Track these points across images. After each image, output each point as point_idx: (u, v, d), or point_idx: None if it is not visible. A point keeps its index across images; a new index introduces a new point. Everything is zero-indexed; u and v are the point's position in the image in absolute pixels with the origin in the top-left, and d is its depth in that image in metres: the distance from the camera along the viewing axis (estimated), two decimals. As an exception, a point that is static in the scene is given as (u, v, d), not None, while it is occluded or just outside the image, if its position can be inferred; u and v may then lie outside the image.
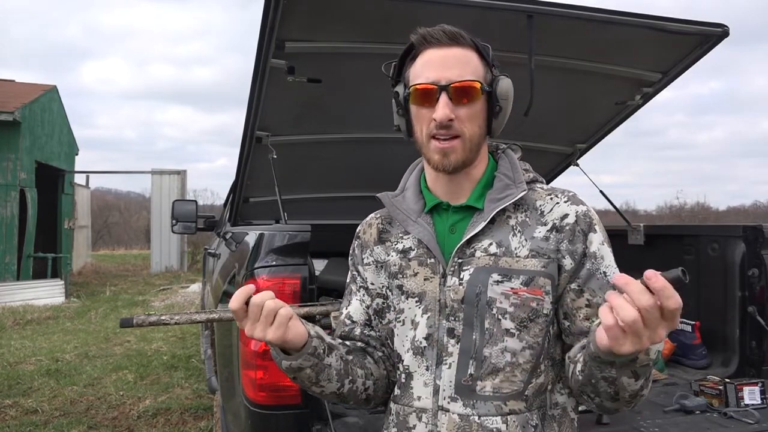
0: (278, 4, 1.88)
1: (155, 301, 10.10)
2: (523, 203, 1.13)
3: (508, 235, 1.09)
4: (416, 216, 1.16)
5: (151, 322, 1.30)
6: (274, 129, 2.70)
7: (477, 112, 1.09)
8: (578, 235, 1.08)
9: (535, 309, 1.06)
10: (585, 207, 1.12)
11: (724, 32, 2.33)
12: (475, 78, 1.08)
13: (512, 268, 1.06)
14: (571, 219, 1.09)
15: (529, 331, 1.06)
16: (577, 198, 1.14)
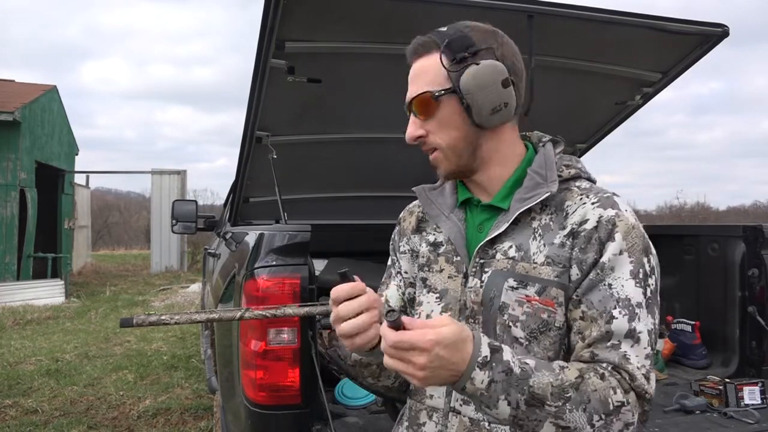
0: (278, 4, 1.88)
1: (155, 301, 10.10)
2: (552, 204, 1.04)
3: (528, 239, 1.03)
4: (449, 211, 1.14)
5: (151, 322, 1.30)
6: (274, 129, 2.70)
7: (446, 119, 1.04)
8: (593, 244, 0.98)
9: (546, 321, 1.00)
10: (614, 212, 0.99)
11: (724, 32, 2.33)
12: (427, 88, 1.04)
13: (528, 275, 1.01)
14: (591, 224, 0.99)
15: (539, 343, 1.00)
16: (610, 200, 1.01)
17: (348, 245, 3.53)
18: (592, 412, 0.89)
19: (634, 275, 0.97)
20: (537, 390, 0.87)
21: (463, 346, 0.86)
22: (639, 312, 0.96)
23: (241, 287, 1.91)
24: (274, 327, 1.77)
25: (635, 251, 0.98)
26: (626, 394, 0.92)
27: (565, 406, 0.88)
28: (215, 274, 3.10)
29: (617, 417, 0.90)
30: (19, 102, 10.81)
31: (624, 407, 0.91)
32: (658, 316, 0.99)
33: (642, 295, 0.97)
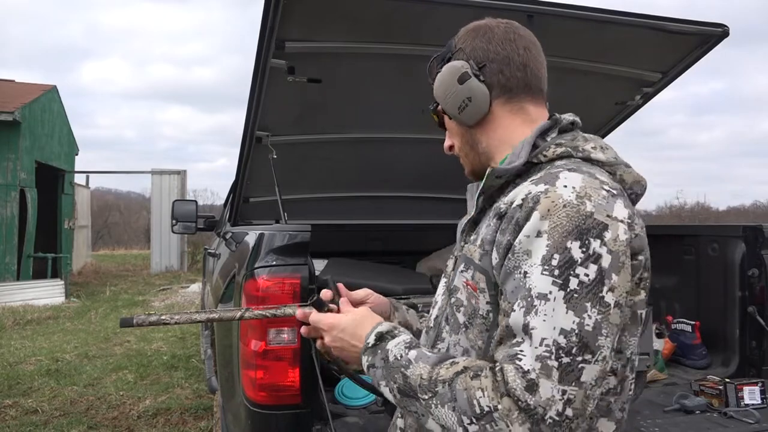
0: (278, 4, 1.88)
1: (155, 301, 10.10)
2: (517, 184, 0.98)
3: (484, 222, 1.00)
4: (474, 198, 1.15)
5: (151, 322, 1.30)
6: (274, 129, 2.70)
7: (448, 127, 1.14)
8: (513, 225, 0.88)
9: (474, 307, 0.96)
10: (545, 187, 0.87)
11: (724, 32, 2.33)
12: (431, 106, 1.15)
13: (470, 258, 0.98)
14: (516, 203, 0.89)
15: (471, 330, 0.97)
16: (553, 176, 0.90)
17: (348, 245, 3.53)
18: (460, 413, 0.83)
19: (545, 261, 0.83)
20: (410, 380, 0.90)
21: (359, 332, 1.02)
22: (538, 305, 0.82)
23: (241, 287, 1.91)
24: (274, 327, 1.77)
25: (556, 233, 0.83)
26: (498, 399, 0.80)
27: (432, 400, 0.86)
28: (215, 274, 3.10)
29: (493, 425, 0.80)
30: (19, 102, 10.81)
31: (494, 413, 0.79)
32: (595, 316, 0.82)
33: (552, 285, 0.82)
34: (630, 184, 0.99)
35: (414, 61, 2.41)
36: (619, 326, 0.85)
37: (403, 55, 2.36)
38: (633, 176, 0.99)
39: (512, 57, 1.04)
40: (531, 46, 1.06)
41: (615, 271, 0.84)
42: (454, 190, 3.64)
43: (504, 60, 1.04)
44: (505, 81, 1.04)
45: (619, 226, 0.86)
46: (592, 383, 0.81)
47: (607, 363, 0.83)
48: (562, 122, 1.02)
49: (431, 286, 3.00)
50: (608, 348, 0.83)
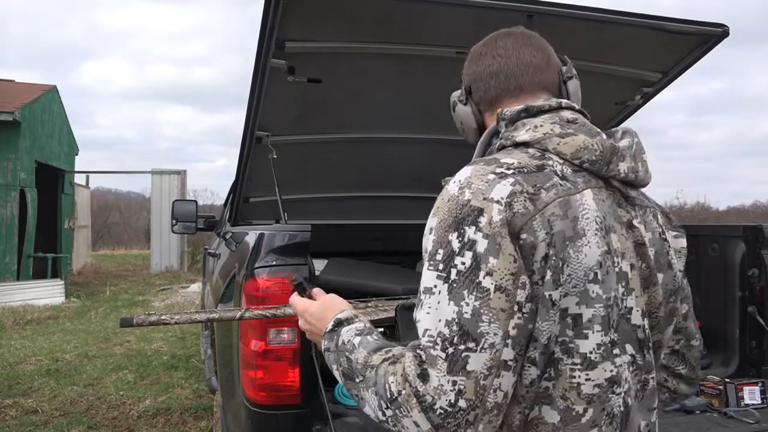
0: (278, 4, 1.88)
1: (155, 301, 10.10)
2: None
3: None
4: None
5: (151, 322, 1.30)
6: (274, 129, 2.70)
7: None
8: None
9: None
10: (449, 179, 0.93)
11: (724, 32, 2.33)
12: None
13: None
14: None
15: None
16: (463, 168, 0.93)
17: (348, 245, 3.53)
18: (379, 397, 0.87)
19: (431, 257, 0.87)
20: (352, 364, 0.94)
21: (324, 317, 1.08)
22: (424, 299, 0.86)
23: (241, 287, 1.91)
24: (274, 327, 1.77)
25: (440, 228, 0.87)
26: (402, 384, 0.83)
27: (362, 383, 0.91)
28: (215, 274, 3.10)
29: (401, 410, 0.83)
30: (19, 102, 10.81)
31: (399, 398, 0.83)
32: (473, 302, 0.82)
33: (437, 279, 0.85)
34: (572, 155, 0.94)
35: (414, 61, 2.41)
36: (508, 311, 0.82)
37: (403, 55, 2.36)
38: (574, 145, 0.95)
39: (483, 71, 1.12)
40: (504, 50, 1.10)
41: (492, 255, 0.83)
42: (454, 190, 3.64)
43: (479, 76, 1.12)
44: (484, 94, 1.12)
45: (494, 207, 0.85)
46: (484, 372, 0.80)
47: (497, 350, 0.81)
48: (506, 115, 1.02)
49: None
50: (496, 334, 0.81)
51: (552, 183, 0.89)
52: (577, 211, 0.89)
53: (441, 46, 2.31)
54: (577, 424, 0.87)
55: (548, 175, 0.91)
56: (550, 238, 0.86)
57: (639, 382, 0.95)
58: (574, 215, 0.88)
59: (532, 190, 0.87)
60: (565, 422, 0.87)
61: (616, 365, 0.90)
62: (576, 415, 0.87)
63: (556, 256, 0.86)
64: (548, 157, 0.94)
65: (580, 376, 0.87)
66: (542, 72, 1.10)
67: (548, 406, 0.87)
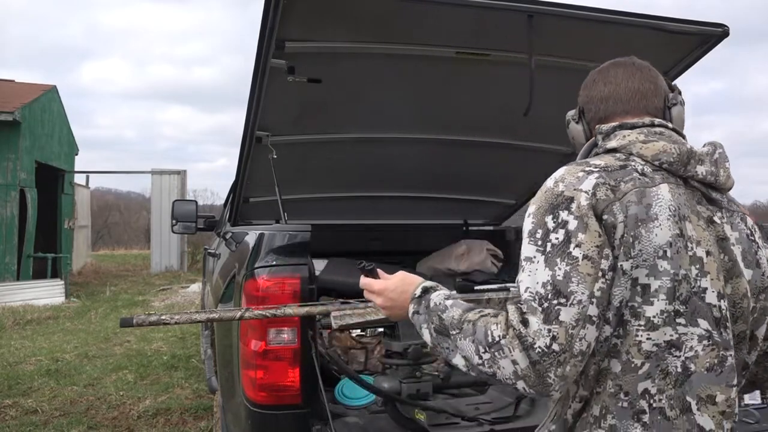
0: (278, 4, 1.88)
1: (155, 301, 10.10)
2: None
3: None
4: None
5: (151, 322, 1.30)
6: (274, 129, 2.70)
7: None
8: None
9: None
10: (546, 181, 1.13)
11: (724, 32, 2.33)
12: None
13: None
14: None
15: None
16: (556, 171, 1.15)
17: (348, 245, 3.53)
18: (477, 343, 1.04)
19: (530, 234, 1.08)
20: (445, 321, 1.11)
21: (406, 289, 1.24)
22: (525, 265, 1.06)
23: (241, 287, 1.91)
24: (274, 327, 1.77)
25: (538, 213, 1.08)
26: (506, 329, 1.02)
27: (459, 334, 1.08)
28: (215, 274, 3.11)
29: (501, 352, 1.01)
30: (19, 102, 10.81)
31: (501, 341, 1.01)
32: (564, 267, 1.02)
33: (536, 252, 1.06)
34: (652, 157, 1.13)
35: (414, 61, 2.41)
36: (594, 276, 1.01)
37: (403, 55, 2.36)
38: (654, 149, 1.13)
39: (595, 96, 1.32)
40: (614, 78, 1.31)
41: (581, 231, 1.03)
42: (454, 190, 3.64)
43: (591, 100, 1.32)
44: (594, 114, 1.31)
45: (582, 195, 1.06)
46: (572, 323, 1.00)
47: (584, 306, 1.00)
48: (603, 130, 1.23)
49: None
50: (583, 293, 1.01)
51: (631, 177, 1.09)
52: (651, 200, 1.07)
53: (441, 46, 2.31)
54: (633, 375, 1.05)
55: (629, 171, 1.10)
56: (626, 220, 1.05)
57: (717, 357, 1.07)
58: (648, 202, 1.07)
59: (613, 183, 1.08)
60: (624, 372, 1.05)
61: (678, 332, 1.05)
62: (634, 367, 1.05)
63: (628, 234, 1.04)
64: (632, 159, 1.14)
65: (642, 336, 1.05)
66: (648, 99, 1.27)
67: (615, 359, 1.06)
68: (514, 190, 3.72)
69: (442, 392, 2.26)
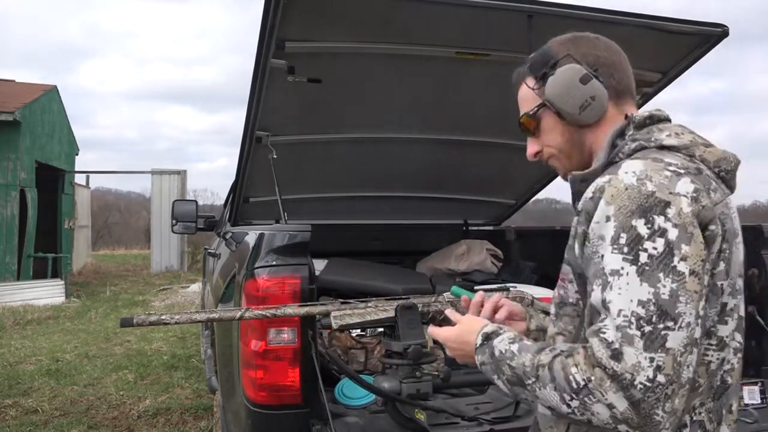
0: (278, 4, 1.88)
1: (155, 301, 10.10)
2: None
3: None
4: None
5: (151, 322, 1.30)
6: (274, 129, 2.70)
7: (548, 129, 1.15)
8: (585, 215, 0.98)
9: (562, 297, 1.09)
10: (608, 177, 0.96)
11: (724, 32, 2.33)
12: (521, 112, 1.18)
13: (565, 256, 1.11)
14: (588, 196, 0.98)
15: (561, 318, 1.09)
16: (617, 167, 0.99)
17: (348, 245, 3.53)
18: (561, 390, 0.91)
19: (613, 241, 0.91)
20: (517, 370, 0.98)
21: (468, 338, 1.12)
22: (612, 280, 0.90)
23: (242, 287, 1.91)
24: (274, 327, 1.77)
25: (620, 215, 0.91)
26: (590, 371, 0.88)
27: (536, 384, 0.95)
28: (215, 274, 3.10)
29: (591, 397, 0.87)
30: (19, 102, 10.81)
31: (589, 385, 0.87)
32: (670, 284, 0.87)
33: (623, 261, 0.90)
34: (714, 162, 1.03)
35: (414, 61, 2.41)
36: (699, 293, 0.90)
37: (403, 55, 2.36)
38: (716, 154, 1.03)
39: (618, 63, 1.13)
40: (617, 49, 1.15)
41: (684, 242, 0.89)
42: (454, 190, 3.64)
43: (613, 65, 1.12)
44: (616, 84, 1.12)
45: (682, 200, 0.92)
46: (681, 349, 0.86)
47: (692, 329, 0.88)
48: (636, 119, 1.08)
49: (431, 286, 3.00)
50: (692, 315, 0.88)
51: (714, 186, 0.99)
52: (732, 212, 1.02)
53: (441, 46, 2.31)
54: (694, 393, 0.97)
55: (707, 178, 1.00)
56: (724, 234, 0.97)
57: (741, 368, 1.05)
58: (733, 215, 1.01)
59: (706, 189, 0.97)
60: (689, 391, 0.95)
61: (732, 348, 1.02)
62: (697, 386, 0.98)
63: (729, 249, 0.97)
64: (695, 162, 1.02)
65: (712, 355, 0.99)
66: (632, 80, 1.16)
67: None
68: (514, 190, 3.72)
69: (442, 392, 2.26)
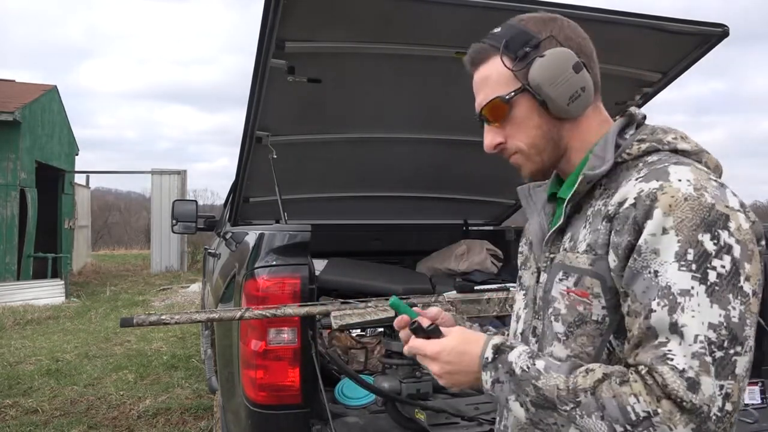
0: (278, 4, 1.88)
1: (155, 301, 10.10)
2: (611, 186, 0.95)
3: (581, 227, 0.96)
4: (542, 206, 1.10)
5: (151, 322, 1.30)
6: (274, 129, 2.70)
7: (522, 119, 1.00)
8: (630, 224, 0.86)
9: (582, 314, 0.93)
10: (658, 184, 0.85)
11: (724, 32, 2.33)
12: (493, 94, 1.00)
13: (571, 265, 0.95)
14: (629, 202, 0.87)
15: (576, 339, 0.94)
16: (661, 171, 0.88)
17: (348, 245, 3.53)
18: (612, 421, 0.81)
19: (679, 257, 0.82)
20: (546, 392, 0.86)
21: (469, 350, 0.95)
22: (683, 302, 0.81)
23: (242, 287, 1.91)
24: (274, 327, 1.77)
25: (684, 228, 0.82)
26: (656, 403, 0.79)
27: (575, 411, 0.84)
28: (215, 274, 3.11)
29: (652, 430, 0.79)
30: (19, 102, 10.81)
31: (653, 418, 0.78)
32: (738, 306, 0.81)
33: (692, 280, 0.81)
34: (714, 169, 0.96)
35: (414, 61, 2.41)
36: (756, 314, 0.83)
37: (403, 55, 2.36)
38: (713, 161, 0.97)
39: (594, 55, 1.05)
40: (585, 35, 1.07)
41: (747, 260, 0.83)
42: (454, 190, 3.64)
43: (591, 56, 1.05)
44: (594, 74, 1.04)
45: (739, 215, 0.85)
46: (744, 374, 0.82)
47: (752, 352, 0.83)
48: (638, 117, 1.01)
49: (431, 286, 3.00)
50: (752, 337, 0.83)
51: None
52: None
53: (441, 46, 2.31)
54: None
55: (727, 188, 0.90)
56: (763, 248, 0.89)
57: None
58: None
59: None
60: None
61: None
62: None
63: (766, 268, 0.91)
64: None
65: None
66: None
67: None
68: (514, 190, 3.72)
69: (442, 392, 2.26)
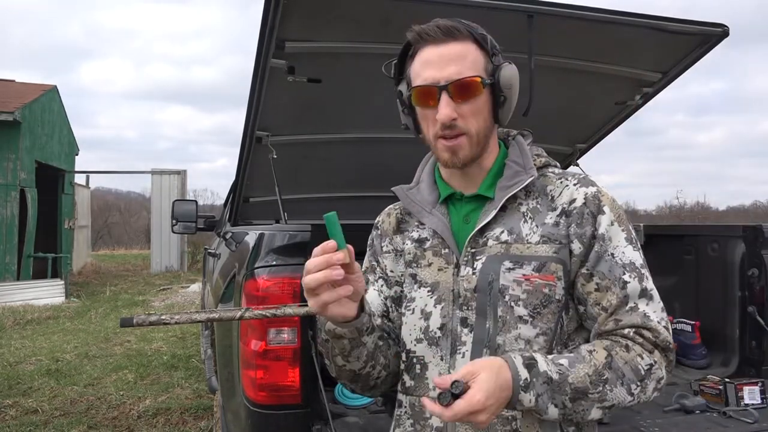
0: (278, 4, 1.88)
1: (155, 301, 10.10)
2: (534, 189, 1.12)
3: (519, 222, 1.09)
4: (431, 207, 1.17)
5: (151, 322, 1.30)
6: (274, 129, 2.70)
7: (480, 107, 1.08)
8: (587, 218, 1.07)
9: (548, 295, 1.06)
10: (595, 188, 1.10)
11: (724, 32, 2.33)
12: (474, 73, 1.06)
13: (523, 255, 1.07)
14: (579, 202, 1.08)
15: (543, 317, 1.06)
16: (587, 180, 1.12)
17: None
18: (629, 383, 1.00)
19: (629, 240, 1.08)
20: (578, 385, 0.97)
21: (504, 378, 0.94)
22: (644, 272, 1.07)
23: (242, 287, 1.91)
24: (274, 327, 1.77)
25: (623, 220, 1.09)
26: (652, 355, 1.02)
27: (606, 387, 0.98)
28: (215, 274, 3.10)
29: (650, 378, 1.01)
30: (19, 102, 10.82)
31: (654, 367, 1.02)
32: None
33: (641, 257, 1.08)
34: None
35: (414, 61, 2.41)
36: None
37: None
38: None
39: None
40: None
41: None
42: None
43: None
44: None
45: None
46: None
47: None
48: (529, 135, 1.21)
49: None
50: None
51: None
52: None
53: (441, 46, 2.30)
54: None
55: None
56: None
57: None
58: None
59: None
60: None
61: None
62: None
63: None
64: None
65: None
66: None
67: None
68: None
69: (442, 392, 2.26)
